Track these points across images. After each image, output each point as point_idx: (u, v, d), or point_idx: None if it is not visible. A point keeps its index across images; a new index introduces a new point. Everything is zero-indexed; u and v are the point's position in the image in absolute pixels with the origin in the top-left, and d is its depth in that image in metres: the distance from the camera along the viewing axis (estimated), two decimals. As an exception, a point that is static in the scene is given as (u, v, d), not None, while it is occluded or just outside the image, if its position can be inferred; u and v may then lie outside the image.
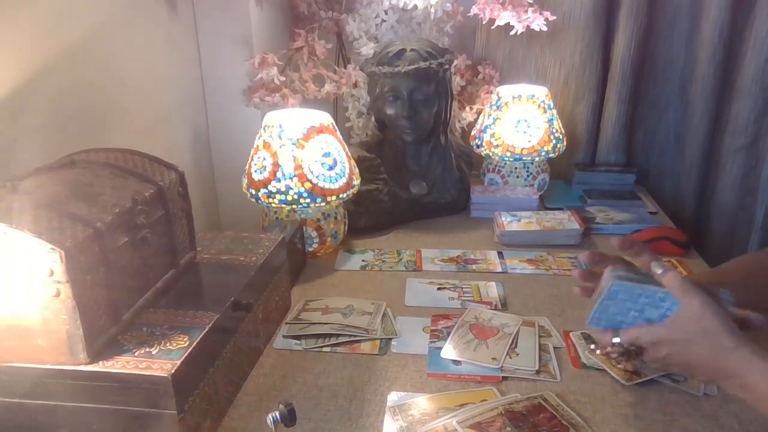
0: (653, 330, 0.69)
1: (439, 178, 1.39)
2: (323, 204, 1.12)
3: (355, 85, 1.45)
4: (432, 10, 1.44)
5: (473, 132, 1.51)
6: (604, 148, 1.61)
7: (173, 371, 0.64)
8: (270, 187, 1.10)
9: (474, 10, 1.43)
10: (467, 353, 0.89)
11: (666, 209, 1.49)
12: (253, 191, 1.12)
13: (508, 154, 1.43)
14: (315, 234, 1.17)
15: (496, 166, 1.48)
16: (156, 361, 0.65)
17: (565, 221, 1.28)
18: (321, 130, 1.11)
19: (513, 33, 1.43)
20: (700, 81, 1.47)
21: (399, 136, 1.34)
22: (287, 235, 1.03)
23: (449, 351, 0.90)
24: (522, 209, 1.34)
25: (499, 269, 1.16)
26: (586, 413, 0.78)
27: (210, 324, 0.73)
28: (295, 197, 1.09)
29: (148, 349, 0.67)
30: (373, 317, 0.98)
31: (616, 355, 0.71)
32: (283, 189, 1.09)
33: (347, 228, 1.24)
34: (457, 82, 1.55)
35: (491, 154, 1.45)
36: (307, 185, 1.09)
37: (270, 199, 1.10)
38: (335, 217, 1.19)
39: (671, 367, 0.71)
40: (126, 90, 1.06)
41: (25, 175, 0.71)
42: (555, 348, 0.91)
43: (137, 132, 1.09)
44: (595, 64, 1.55)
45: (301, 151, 1.09)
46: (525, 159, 1.43)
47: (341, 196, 1.13)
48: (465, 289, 1.08)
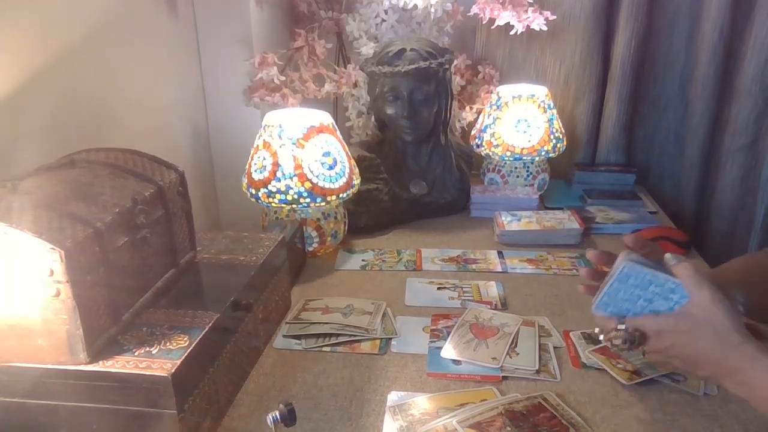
0: (659, 319, 0.69)
1: (439, 177, 1.39)
2: (323, 204, 1.12)
3: (355, 85, 1.45)
4: (432, 9, 1.44)
5: (473, 132, 1.51)
6: (604, 148, 1.61)
7: (173, 371, 0.64)
8: (270, 187, 1.10)
9: (474, 9, 1.43)
10: (467, 353, 0.89)
11: (666, 209, 1.49)
12: (253, 191, 1.12)
13: (508, 153, 1.43)
14: (315, 234, 1.17)
15: (496, 165, 1.48)
16: (156, 361, 0.65)
17: (565, 221, 1.28)
18: (321, 129, 1.11)
19: (513, 33, 1.43)
20: (700, 81, 1.47)
21: (399, 136, 1.34)
22: (287, 235, 1.03)
23: (449, 351, 0.90)
24: (522, 209, 1.34)
25: (499, 269, 1.16)
26: (586, 413, 0.78)
27: (210, 324, 0.73)
28: (295, 197, 1.09)
29: (148, 349, 0.67)
30: (373, 317, 0.98)
31: (619, 342, 0.71)
32: (283, 189, 1.09)
33: (347, 228, 1.24)
34: (457, 81, 1.55)
35: (491, 153, 1.45)
36: (307, 185, 1.09)
37: (270, 199, 1.10)
38: (335, 217, 1.19)
39: (673, 360, 0.70)
40: (126, 90, 1.06)
41: (25, 175, 0.71)
42: (555, 348, 0.91)
43: (137, 132, 1.09)
44: (595, 64, 1.55)
45: (301, 151, 1.09)
46: (525, 159, 1.43)
47: (341, 195, 1.13)
48: (465, 289, 1.08)
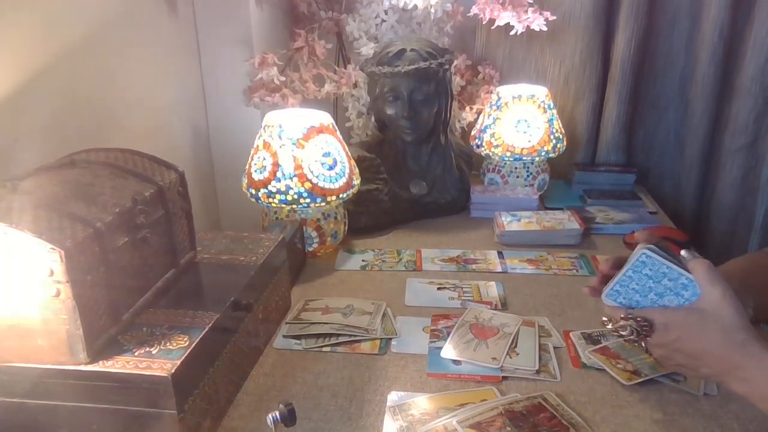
0: (668, 312, 0.70)
1: (439, 178, 1.39)
2: (323, 204, 1.12)
3: (355, 85, 1.45)
4: (432, 10, 1.44)
5: (473, 132, 1.51)
6: (604, 148, 1.61)
7: (173, 371, 0.64)
8: (270, 187, 1.10)
9: (474, 10, 1.43)
10: (467, 353, 0.89)
11: (666, 209, 1.49)
12: (253, 191, 1.12)
13: (508, 154, 1.43)
14: (315, 234, 1.17)
15: (496, 166, 1.48)
16: (156, 361, 0.65)
17: (565, 221, 1.28)
18: (321, 130, 1.11)
19: (513, 33, 1.43)
20: (700, 81, 1.47)
21: (399, 136, 1.34)
22: (287, 235, 1.03)
23: (449, 351, 0.90)
24: (522, 209, 1.34)
25: (499, 269, 1.16)
26: (586, 413, 0.78)
27: (210, 324, 0.72)
28: (295, 197, 1.09)
29: (148, 349, 0.67)
30: (373, 317, 0.98)
31: (626, 332, 0.72)
32: (283, 189, 1.09)
33: (347, 228, 1.24)
34: (457, 82, 1.55)
35: (491, 154, 1.45)
36: (307, 185, 1.09)
37: (270, 199, 1.10)
38: (335, 217, 1.19)
39: (675, 355, 0.70)
40: (126, 90, 1.06)
41: (25, 175, 0.71)
42: (555, 348, 0.91)
43: (137, 132, 1.09)
44: (595, 64, 1.55)
45: (301, 151, 1.09)
46: (525, 159, 1.43)
47: (341, 196, 1.13)
48: (465, 289, 1.08)
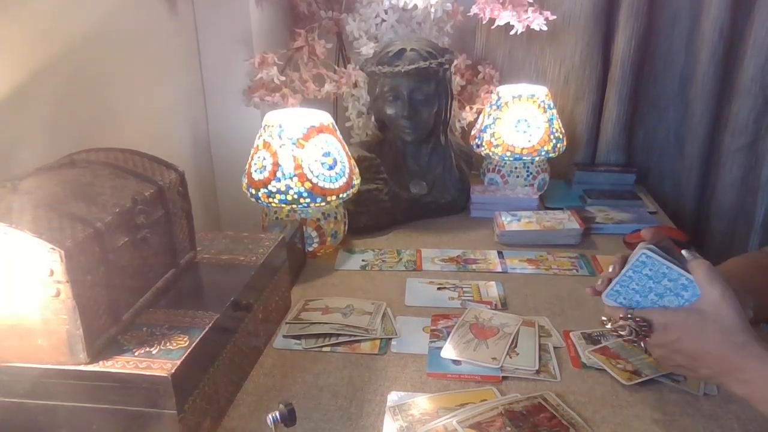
0: (668, 312, 0.70)
1: (439, 177, 1.39)
2: (323, 204, 1.12)
3: (355, 85, 1.45)
4: (432, 9, 1.44)
5: (473, 132, 1.51)
6: (604, 148, 1.61)
7: (173, 371, 0.64)
8: (270, 187, 1.10)
9: (474, 9, 1.43)
10: (467, 353, 0.89)
11: (666, 209, 1.49)
12: (253, 191, 1.12)
13: (508, 153, 1.43)
14: (315, 234, 1.17)
15: (496, 165, 1.48)
16: (156, 361, 0.65)
17: (565, 221, 1.28)
18: (321, 129, 1.11)
19: (513, 33, 1.43)
20: (700, 80, 1.47)
21: (399, 136, 1.34)
22: (287, 235, 1.03)
23: (449, 351, 0.90)
24: (522, 209, 1.34)
25: (499, 269, 1.16)
26: (586, 413, 0.78)
27: (210, 324, 0.73)
28: (295, 197, 1.09)
29: (148, 349, 0.67)
30: (373, 317, 0.98)
31: (625, 332, 0.72)
32: (283, 189, 1.09)
33: (347, 228, 1.24)
34: (457, 82, 1.55)
35: (491, 153, 1.45)
36: (307, 185, 1.09)
37: (270, 199, 1.10)
38: (335, 217, 1.19)
39: (675, 356, 0.70)
40: (126, 90, 1.06)
41: (25, 175, 0.71)
42: (555, 348, 0.91)
43: (137, 132, 1.09)
44: (595, 64, 1.55)
45: (301, 151, 1.09)
46: (525, 159, 1.43)
47: (341, 195, 1.13)
48: (465, 289, 1.08)
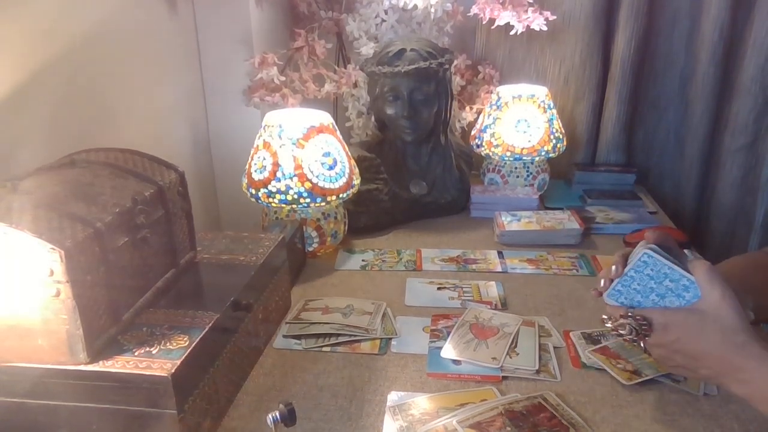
0: (668, 312, 0.70)
1: (439, 178, 1.39)
2: (323, 204, 1.12)
3: (355, 85, 1.45)
4: (432, 10, 1.44)
5: (473, 132, 1.51)
6: (604, 148, 1.61)
7: (173, 371, 0.64)
8: (270, 187, 1.10)
9: (474, 10, 1.43)
10: (467, 353, 0.89)
11: (666, 209, 1.49)
12: (253, 191, 1.12)
13: (508, 153, 1.43)
14: (315, 234, 1.17)
15: (496, 165, 1.48)
16: (156, 361, 0.65)
17: (565, 221, 1.28)
18: (321, 129, 1.11)
19: (513, 33, 1.43)
20: (700, 81, 1.47)
21: (399, 136, 1.34)
22: (287, 235, 1.03)
23: (449, 351, 0.90)
24: (522, 209, 1.34)
25: (499, 269, 1.16)
26: (586, 413, 0.78)
27: (210, 324, 0.72)
28: (295, 197, 1.09)
29: (148, 349, 0.67)
30: (373, 317, 0.98)
31: (625, 331, 0.72)
32: (283, 189, 1.09)
33: (347, 228, 1.24)
34: (457, 82, 1.55)
35: (491, 153, 1.45)
36: (307, 185, 1.09)
37: (270, 199, 1.10)
38: (335, 217, 1.19)
39: (674, 356, 0.70)
40: (126, 90, 1.06)
41: (25, 175, 0.71)
42: (555, 348, 0.91)
43: (137, 132, 1.09)
44: (595, 64, 1.55)
45: (301, 151, 1.09)
46: (525, 159, 1.43)
47: (341, 195, 1.13)
48: (465, 289, 1.08)
